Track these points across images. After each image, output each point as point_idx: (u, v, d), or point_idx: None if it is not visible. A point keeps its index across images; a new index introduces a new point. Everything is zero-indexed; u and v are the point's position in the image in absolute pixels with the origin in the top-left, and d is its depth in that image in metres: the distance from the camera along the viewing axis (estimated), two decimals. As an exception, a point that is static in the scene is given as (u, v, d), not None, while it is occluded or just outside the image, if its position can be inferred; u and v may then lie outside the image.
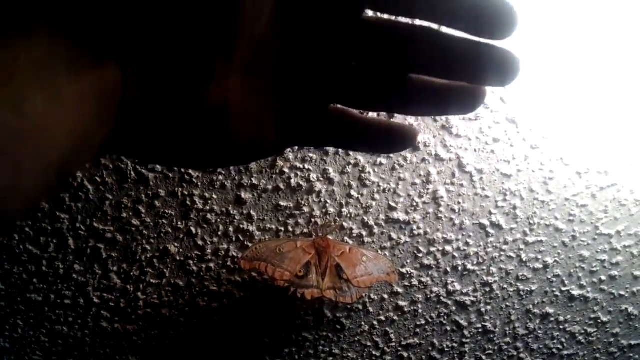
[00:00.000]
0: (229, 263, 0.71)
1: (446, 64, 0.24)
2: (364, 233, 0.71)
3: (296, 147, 0.65)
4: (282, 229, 0.70)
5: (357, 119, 0.28)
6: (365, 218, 0.70)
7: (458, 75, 0.25)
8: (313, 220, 0.70)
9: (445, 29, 0.23)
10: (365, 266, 0.68)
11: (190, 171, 0.64)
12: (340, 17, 0.23)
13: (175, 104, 0.22)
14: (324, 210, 0.69)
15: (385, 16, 0.25)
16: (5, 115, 0.16)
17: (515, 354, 0.81)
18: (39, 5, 0.18)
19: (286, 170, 0.66)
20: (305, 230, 0.70)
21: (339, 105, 0.27)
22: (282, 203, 0.68)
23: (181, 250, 0.70)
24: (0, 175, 0.15)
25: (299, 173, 0.67)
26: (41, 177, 0.17)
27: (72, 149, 0.18)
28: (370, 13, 0.24)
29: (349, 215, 0.70)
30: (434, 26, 0.23)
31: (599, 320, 0.80)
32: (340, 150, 0.65)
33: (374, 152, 0.60)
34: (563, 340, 0.81)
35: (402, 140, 0.28)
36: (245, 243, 0.70)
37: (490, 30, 0.23)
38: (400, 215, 0.70)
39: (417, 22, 0.24)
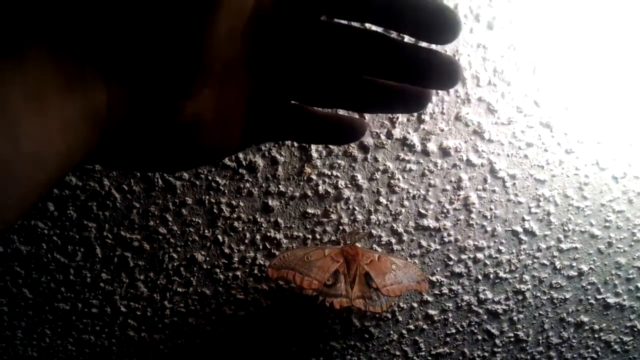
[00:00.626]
0: (255, 271, 0.71)
1: (393, 68, 0.26)
2: (393, 240, 0.70)
3: (324, 154, 0.64)
4: (310, 236, 0.69)
5: (312, 114, 0.30)
6: (394, 225, 0.69)
7: (404, 78, 0.27)
8: (341, 227, 0.68)
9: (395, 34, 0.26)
10: (394, 274, 0.67)
11: (218, 178, 0.63)
12: (300, 23, 0.26)
13: (155, 120, 0.24)
14: (352, 218, 0.68)
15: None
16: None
17: (548, 363, 0.79)
18: (26, 29, 0.19)
19: (314, 177, 0.65)
20: (333, 238, 0.69)
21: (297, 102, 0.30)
22: (309, 210, 0.67)
23: (208, 258, 0.69)
24: None
25: (326, 180, 0.65)
26: (27, 197, 0.19)
27: (58, 169, 0.20)
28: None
29: (377, 223, 0.68)
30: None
31: (635, 329, 0.78)
32: (368, 157, 0.64)
33: (327, 143, 0.58)
34: (598, 349, 0.79)
35: (352, 132, 0.30)
36: (272, 251, 0.69)
37: (433, 36, 0.25)
38: (430, 222, 0.68)
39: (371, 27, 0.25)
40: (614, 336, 0.78)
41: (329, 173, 0.65)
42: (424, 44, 0.26)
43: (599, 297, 0.75)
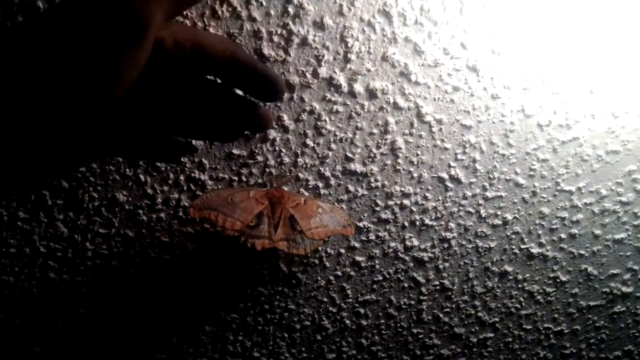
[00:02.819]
0: (180, 213, 0.69)
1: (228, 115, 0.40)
2: (320, 185, 0.69)
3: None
4: (236, 178, 0.68)
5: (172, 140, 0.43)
6: (321, 169, 0.68)
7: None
8: (267, 170, 0.67)
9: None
10: (320, 218, 0.66)
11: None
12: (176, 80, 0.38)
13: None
14: (278, 160, 0.67)
15: None
16: None
17: (472, 312, 0.80)
18: None
19: (239, 116, 0.63)
20: (260, 181, 0.68)
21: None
22: (235, 151, 0.66)
23: (130, 199, 0.67)
24: None
25: (252, 119, 0.64)
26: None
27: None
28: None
29: (304, 166, 0.67)
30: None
31: (558, 280, 0.79)
32: (294, 97, 0.63)
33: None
34: (521, 299, 0.80)
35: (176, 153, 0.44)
36: (197, 192, 0.68)
37: (266, 100, 0.40)
38: (357, 167, 0.68)
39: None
40: (537, 287, 0.79)
41: (254, 112, 0.64)
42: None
43: (522, 246, 0.76)
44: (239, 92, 0.40)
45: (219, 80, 0.40)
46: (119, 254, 0.71)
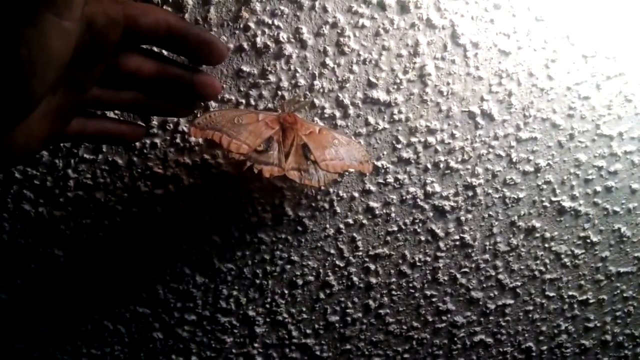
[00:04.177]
0: (178, 140, 0.61)
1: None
2: (338, 114, 0.61)
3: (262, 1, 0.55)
4: (243, 101, 0.60)
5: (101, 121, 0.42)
6: (339, 95, 0.60)
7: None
8: (280, 93, 0.60)
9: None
10: (336, 150, 0.59)
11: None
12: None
13: None
14: (293, 82, 0.59)
15: None
16: None
17: (493, 273, 0.73)
18: None
19: (252, 25, 0.56)
20: (270, 105, 0.61)
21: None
22: (244, 68, 0.58)
23: (121, 117, 0.59)
24: None
25: (266, 30, 0.57)
26: None
27: None
28: None
29: (321, 90, 0.60)
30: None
31: (588, 240, 0.72)
32: (316, 5, 0.56)
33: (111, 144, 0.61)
34: (547, 261, 0.73)
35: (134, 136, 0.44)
36: (199, 115, 0.60)
37: (205, 63, 0.41)
38: (380, 95, 0.61)
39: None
40: (565, 247, 0.72)
41: (270, 22, 0.56)
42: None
43: (553, 199, 0.69)
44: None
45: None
46: (105, 186, 0.63)
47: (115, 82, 0.39)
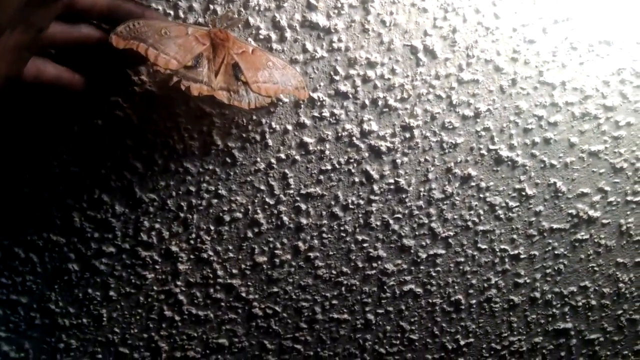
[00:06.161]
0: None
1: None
2: (273, 37, 0.58)
3: None
4: (171, 12, 0.56)
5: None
6: (277, 15, 0.57)
7: None
8: (212, 7, 0.56)
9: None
10: (269, 72, 0.55)
11: None
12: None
13: None
14: (226, -3, 0.55)
15: None
16: None
17: (426, 221, 0.71)
18: None
19: None
20: (201, 20, 0.56)
21: None
22: (173, -24, 0.54)
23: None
24: None
25: None
26: None
27: None
28: None
29: (257, 8, 0.56)
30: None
31: (523, 193, 0.71)
32: None
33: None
34: (481, 212, 0.72)
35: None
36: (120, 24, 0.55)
37: None
38: (320, 19, 0.57)
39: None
40: (500, 199, 0.71)
41: None
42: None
43: (491, 147, 0.67)
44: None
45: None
46: None
47: (70, 19, 0.41)
